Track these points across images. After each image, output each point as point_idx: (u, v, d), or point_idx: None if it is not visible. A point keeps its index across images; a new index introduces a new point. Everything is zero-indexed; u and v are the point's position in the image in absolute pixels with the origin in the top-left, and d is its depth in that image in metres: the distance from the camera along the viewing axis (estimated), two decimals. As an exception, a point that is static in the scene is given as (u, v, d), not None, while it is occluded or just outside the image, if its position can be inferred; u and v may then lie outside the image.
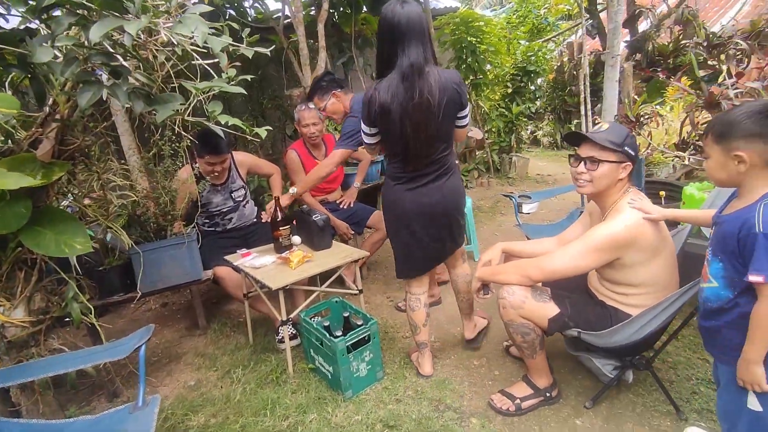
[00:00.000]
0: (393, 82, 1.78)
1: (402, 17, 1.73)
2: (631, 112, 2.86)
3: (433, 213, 1.97)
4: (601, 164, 1.63)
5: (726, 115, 1.21)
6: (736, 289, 1.24)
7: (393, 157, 1.96)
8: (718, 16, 7.95)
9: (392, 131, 1.84)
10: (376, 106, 1.81)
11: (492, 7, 15.47)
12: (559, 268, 1.66)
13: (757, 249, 1.14)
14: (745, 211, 1.19)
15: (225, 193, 2.78)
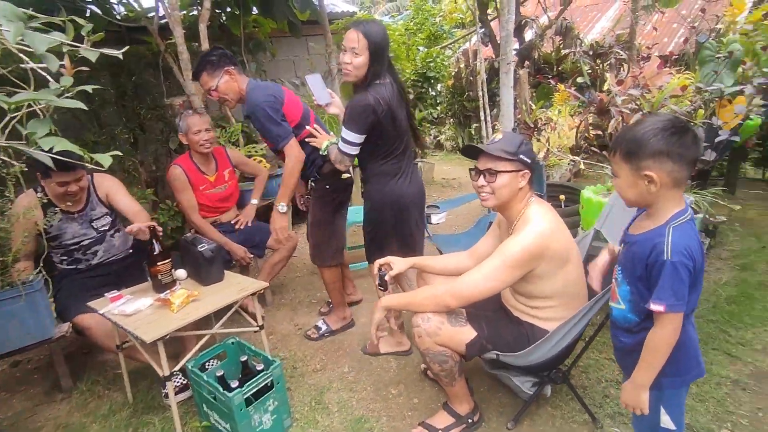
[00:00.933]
0: (387, 86, 1.95)
1: (385, 32, 1.95)
2: (529, 118, 2.92)
3: (423, 197, 2.23)
4: (499, 175, 1.56)
5: (632, 132, 1.15)
6: (642, 314, 1.21)
7: (389, 155, 2.07)
8: (587, 29, 8.81)
9: (393, 130, 2.00)
10: (382, 108, 1.92)
11: (390, 13, 15.80)
12: (475, 293, 1.55)
13: (662, 277, 1.10)
14: (654, 234, 1.15)
15: (83, 221, 2.29)
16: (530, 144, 1.59)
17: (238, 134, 3.78)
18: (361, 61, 1.89)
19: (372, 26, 1.91)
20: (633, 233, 1.25)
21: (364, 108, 1.90)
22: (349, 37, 1.90)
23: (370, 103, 1.89)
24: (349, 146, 1.98)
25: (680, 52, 4.72)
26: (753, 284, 2.67)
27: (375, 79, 1.93)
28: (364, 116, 1.91)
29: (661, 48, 6.76)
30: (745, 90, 2.58)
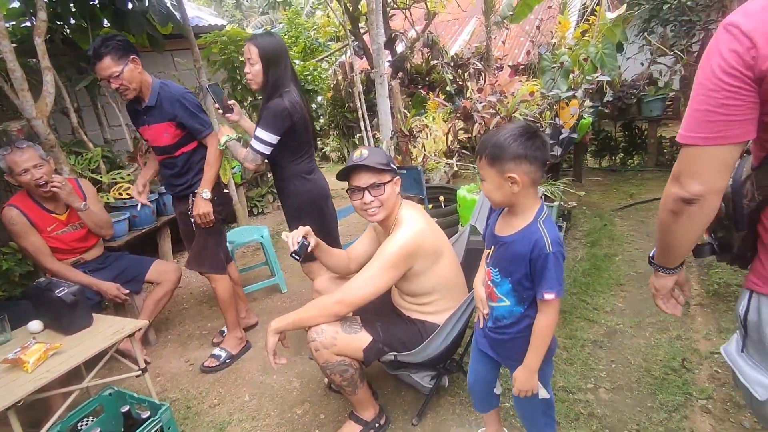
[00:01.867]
0: (293, 92, 2.08)
1: (280, 43, 2.10)
2: (404, 126, 3.09)
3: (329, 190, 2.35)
4: (385, 186, 1.64)
5: (494, 138, 1.27)
6: (526, 303, 1.34)
7: (305, 154, 2.21)
8: (451, 42, 9.61)
9: (305, 132, 2.16)
10: (298, 113, 2.06)
11: (263, 27, 15.50)
12: (361, 296, 1.60)
13: (548, 268, 1.23)
14: (529, 232, 1.27)
15: None
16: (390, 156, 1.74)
17: (98, 160, 3.39)
18: (257, 69, 2.06)
19: (264, 38, 2.09)
20: (505, 234, 1.34)
21: (282, 111, 2.02)
22: (244, 49, 2.08)
23: (287, 107, 2.02)
24: (264, 146, 2.06)
25: (527, 62, 5.40)
26: (600, 257, 3.14)
27: (279, 85, 2.07)
28: (281, 119, 2.03)
29: (513, 58, 7.65)
30: (577, 94, 3.05)
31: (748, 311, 1.00)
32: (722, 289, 2.60)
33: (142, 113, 2.30)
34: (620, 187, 4.72)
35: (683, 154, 0.90)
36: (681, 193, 0.90)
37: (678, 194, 0.91)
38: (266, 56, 2.04)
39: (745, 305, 1.00)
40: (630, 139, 5.31)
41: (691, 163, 0.89)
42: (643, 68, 5.07)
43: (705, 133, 0.85)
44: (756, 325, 0.98)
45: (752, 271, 1.00)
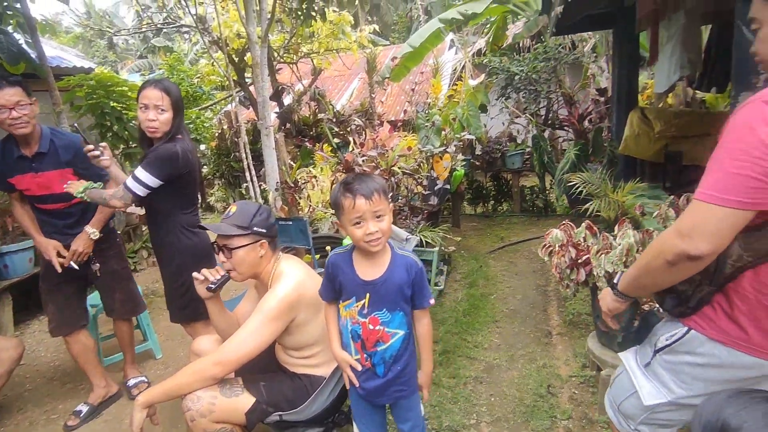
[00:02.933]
0: (187, 140, 2.03)
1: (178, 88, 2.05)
2: (289, 178, 3.12)
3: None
4: (235, 252, 1.60)
5: (374, 182, 1.42)
6: (411, 323, 1.47)
7: (191, 205, 2.13)
8: (338, 96, 10.08)
9: (194, 182, 2.10)
10: (190, 162, 2.01)
11: (141, 71, 14.65)
12: (242, 354, 1.52)
13: (423, 280, 1.42)
14: (397, 260, 1.43)
15: None
16: (267, 212, 1.67)
17: None
18: (167, 116, 1.97)
19: (169, 83, 2.04)
20: (377, 276, 1.42)
21: (171, 156, 1.93)
22: (150, 95, 1.95)
23: (178, 153, 1.94)
24: (141, 187, 1.93)
25: (406, 119, 5.89)
26: (477, 296, 3.41)
27: (177, 133, 2.01)
28: (168, 164, 1.94)
29: (394, 115, 8.26)
30: (448, 150, 3.40)
31: (675, 342, 1.11)
32: (576, 318, 2.98)
33: (28, 160, 2.17)
34: (493, 231, 5.24)
35: (701, 212, 0.92)
36: (689, 250, 0.92)
37: (684, 251, 0.93)
38: (177, 104, 2.00)
39: (676, 337, 1.10)
40: (498, 188, 5.98)
41: (709, 223, 0.90)
42: (504, 127, 5.84)
43: (739, 196, 0.87)
44: (676, 352, 1.11)
45: (700, 315, 1.06)
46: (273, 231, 1.68)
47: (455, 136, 3.72)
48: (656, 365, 1.17)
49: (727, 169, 0.89)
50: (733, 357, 1.03)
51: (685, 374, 1.11)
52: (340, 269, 1.46)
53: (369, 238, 1.36)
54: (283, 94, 6.78)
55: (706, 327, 1.05)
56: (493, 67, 5.11)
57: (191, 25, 7.25)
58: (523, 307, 3.27)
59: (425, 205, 3.22)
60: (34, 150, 2.16)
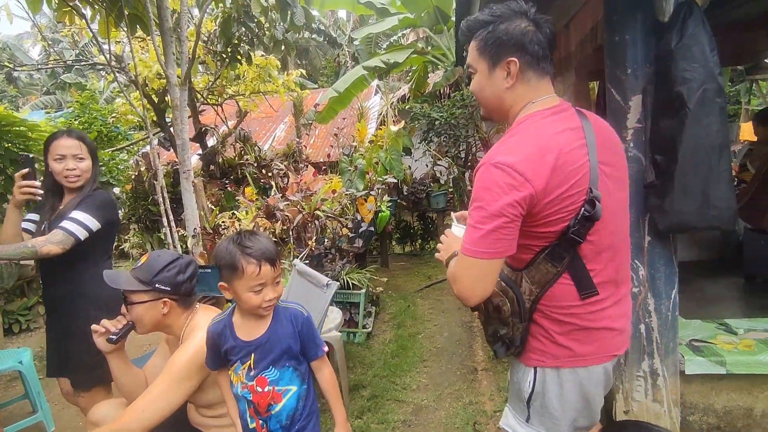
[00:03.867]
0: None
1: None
2: (208, 223, 3.00)
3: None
4: (133, 307, 1.50)
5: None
6: (305, 377, 1.43)
7: (108, 253, 2.07)
8: (265, 138, 10.02)
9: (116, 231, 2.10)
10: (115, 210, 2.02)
11: (46, 108, 13.60)
12: (149, 418, 1.38)
13: (313, 327, 1.40)
14: (280, 314, 1.41)
15: None
16: (180, 267, 1.52)
17: None
18: (87, 164, 1.96)
19: (80, 132, 2.05)
20: (258, 335, 1.38)
21: (110, 202, 1.99)
22: (67, 143, 1.92)
23: (113, 199, 2.02)
24: (82, 229, 1.85)
25: (331, 161, 5.98)
26: (405, 337, 3.44)
27: (95, 182, 1.99)
28: (108, 209, 1.96)
29: (324, 156, 8.34)
30: (372, 192, 3.48)
31: (534, 386, 1.19)
32: (498, 353, 3.09)
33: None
34: (420, 269, 5.36)
35: (463, 263, 1.10)
36: (458, 292, 1.12)
37: (457, 293, 1.13)
38: (93, 151, 2.01)
39: (531, 382, 1.20)
40: (425, 227, 6.18)
41: (469, 271, 1.09)
42: (428, 168, 6.12)
43: (485, 248, 1.05)
44: (540, 395, 1.19)
45: (530, 351, 1.19)
46: (182, 289, 1.52)
47: (378, 179, 3.84)
48: (534, 416, 1.24)
49: (475, 226, 1.06)
50: (587, 372, 1.17)
51: (553, 408, 1.20)
52: (222, 337, 1.39)
53: (267, 305, 1.34)
54: (206, 135, 6.60)
55: (544, 359, 1.18)
56: (416, 113, 5.40)
57: (105, 63, 6.94)
58: (449, 345, 3.33)
59: (351, 247, 3.24)
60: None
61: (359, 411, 2.54)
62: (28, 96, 17.74)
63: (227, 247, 1.34)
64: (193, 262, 1.61)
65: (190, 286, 1.56)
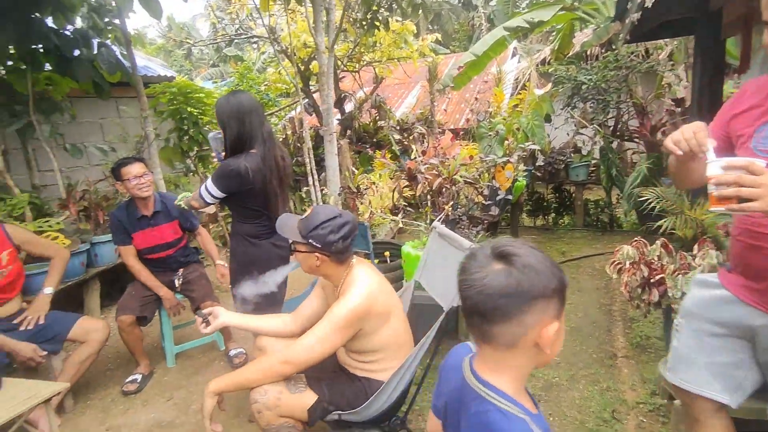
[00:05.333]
0: (257, 157, 2.08)
1: (244, 102, 2.10)
2: (352, 183, 3.20)
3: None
4: (297, 252, 1.70)
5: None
6: None
7: (256, 218, 2.21)
8: (397, 104, 10.19)
9: (262, 196, 2.14)
10: (250, 177, 2.05)
11: (213, 79, 15.62)
12: (308, 357, 1.58)
13: None
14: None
15: None
16: (335, 227, 1.62)
17: (24, 207, 3.17)
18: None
19: (219, 101, 2.17)
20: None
21: (231, 172, 2.06)
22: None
23: (240, 171, 2.04)
24: (209, 196, 2.14)
25: (467, 127, 5.84)
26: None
27: (243, 145, 2.10)
28: (227, 179, 2.08)
29: (454, 123, 8.21)
30: (511, 159, 3.34)
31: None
32: (644, 342, 2.81)
33: (146, 219, 2.79)
34: (553, 245, 5.05)
35: None
36: None
37: None
38: (220, 119, 2.14)
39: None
40: (560, 200, 5.77)
41: None
42: (569, 137, 5.63)
43: None
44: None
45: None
46: (332, 248, 1.63)
47: (518, 145, 3.65)
48: None
49: None
50: None
51: None
52: None
53: None
54: (345, 101, 6.96)
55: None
56: (560, 76, 4.95)
57: (261, 35, 7.66)
58: (584, 326, 3.12)
59: (485, 215, 3.17)
60: (151, 211, 2.79)
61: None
62: (198, 69, 20.58)
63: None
64: (349, 222, 1.67)
65: (342, 246, 1.65)
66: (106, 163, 4.41)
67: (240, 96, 2.15)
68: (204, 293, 2.83)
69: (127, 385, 2.69)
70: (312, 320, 1.98)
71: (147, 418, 2.42)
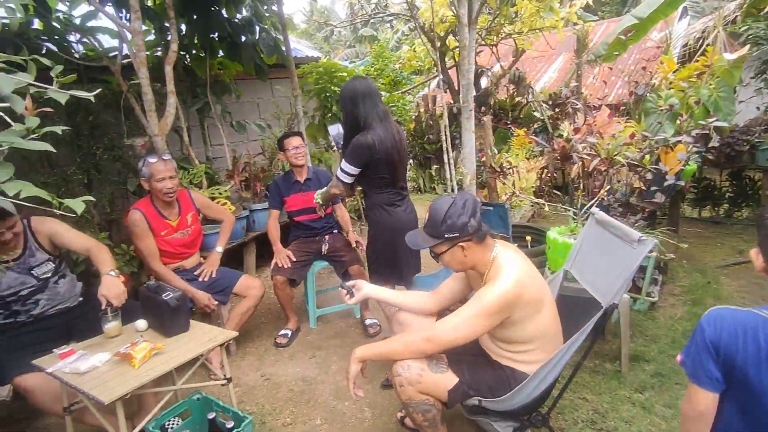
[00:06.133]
0: (379, 130, 2.24)
1: (358, 87, 2.30)
2: (494, 162, 3.05)
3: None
4: (440, 256, 1.66)
5: None
6: None
7: (386, 187, 2.38)
8: (537, 79, 9.47)
9: (388, 166, 2.31)
10: (382, 150, 2.24)
11: (349, 59, 16.33)
12: (451, 339, 1.56)
13: None
14: None
15: (21, 270, 2.10)
16: (457, 212, 1.58)
17: (201, 176, 3.69)
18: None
19: (342, 88, 2.39)
20: None
21: (361, 146, 2.23)
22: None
23: (369, 143, 2.22)
24: (345, 175, 2.32)
25: (622, 102, 5.15)
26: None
27: (359, 125, 2.27)
28: (359, 153, 2.25)
29: (603, 98, 7.35)
30: (684, 139, 2.84)
31: None
32: None
33: (298, 184, 3.15)
34: (725, 241, 4.27)
35: None
36: None
37: None
38: (340, 102, 2.37)
39: None
40: (739, 189, 4.82)
41: None
42: (759, 113, 4.62)
43: None
44: None
45: None
46: (468, 229, 1.58)
47: (697, 122, 3.08)
48: None
49: None
50: None
51: None
52: None
53: None
54: (481, 76, 6.69)
55: None
56: (756, 36, 4.01)
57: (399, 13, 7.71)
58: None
59: (647, 202, 2.77)
60: (303, 178, 3.15)
61: (640, 385, 2.27)
62: (336, 51, 21.74)
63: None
64: (468, 198, 1.64)
65: (475, 223, 1.60)
66: (262, 139, 4.91)
67: (355, 82, 2.35)
68: (351, 257, 3.04)
69: (280, 338, 3.01)
70: (451, 301, 1.97)
71: (293, 372, 2.68)
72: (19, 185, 1.08)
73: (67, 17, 3.33)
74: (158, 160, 2.56)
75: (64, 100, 1.30)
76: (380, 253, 2.48)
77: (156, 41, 3.77)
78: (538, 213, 4.47)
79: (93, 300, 2.27)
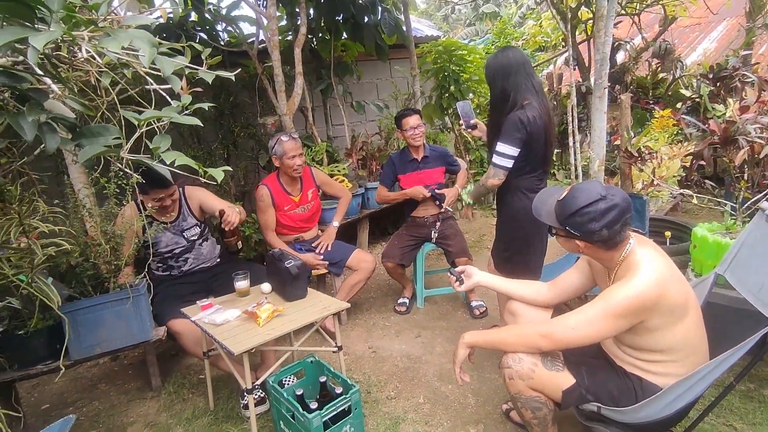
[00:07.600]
0: (533, 104, 2.02)
1: (512, 57, 2.06)
2: (631, 146, 2.70)
3: None
4: (557, 235, 1.52)
5: None
6: None
7: (531, 171, 2.15)
8: (687, 51, 8.17)
9: (539, 148, 2.08)
10: (534, 128, 2.01)
11: (470, 38, 15.82)
12: (570, 338, 1.43)
13: None
14: None
15: (175, 231, 2.46)
16: (591, 214, 1.39)
17: (323, 153, 3.90)
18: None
19: (488, 58, 2.17)
20: None
21: (518, 123, 2.01)
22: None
23: (525, 120, 2.00)
24: (505, 159, 2.08)
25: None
26: None
27: (507, 100, 2.06)
28: (517, 131, 2.02)
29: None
30: None
31: None
32: None
33: (415, 162, 3.10)
34: None
35: None
36: None
37: None
38: (486, 74, 2.15)
39: None
40: None
41: None
42: None
43: None
44: None
45: None
46: (594, 237, 1.40)
47: None
48: None
49: None
50: None
51: None
52: None
53: None
54: (617, 51, 5.97)
55: None
56: None
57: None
58: None
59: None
60: (420, 156, 3.10)
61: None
62: (455, 30, 21.20)
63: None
64: (616, 206, 1.38)
65: (607, 234, 1.39)
66: (380, 119, 5.01)
67: (507, 52, 2.11)
68: (459, 248, 2.95)
69: (399, 307, 3.12)
70: (569, 295, 1.82)
71: (399, 348, 2.73)
72: (175, 155, 1.23)
73: (216, 9, 3.72)
74: (289, 139, 2.75)
75: (211, 79, 1.45)
76: (517, 243, 2.25)
77: (287, 26, 4.03)
78: (680, 206, 3.90)
79: (228, 262, 2.58)
